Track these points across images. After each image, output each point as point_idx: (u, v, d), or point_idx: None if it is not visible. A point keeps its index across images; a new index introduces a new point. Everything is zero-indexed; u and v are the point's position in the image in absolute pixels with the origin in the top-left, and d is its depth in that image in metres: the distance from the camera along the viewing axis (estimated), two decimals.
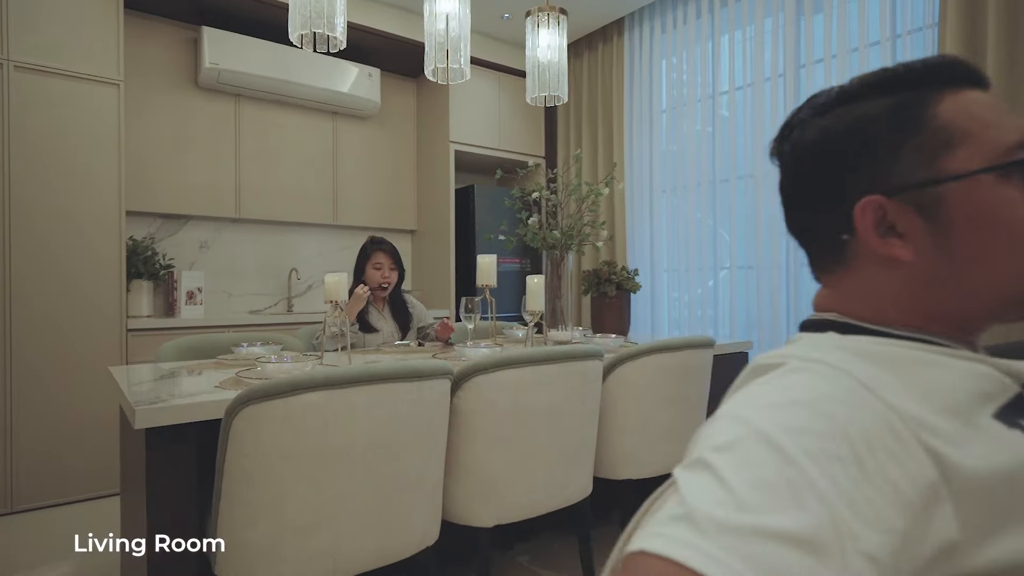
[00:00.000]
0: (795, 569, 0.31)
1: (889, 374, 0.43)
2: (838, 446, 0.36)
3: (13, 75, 2.45)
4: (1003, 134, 0.48)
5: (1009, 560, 0.37)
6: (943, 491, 0.37)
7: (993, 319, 0.50)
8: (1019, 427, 0.43)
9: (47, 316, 2.52)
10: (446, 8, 1.94)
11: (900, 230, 0.49)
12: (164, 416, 1.15)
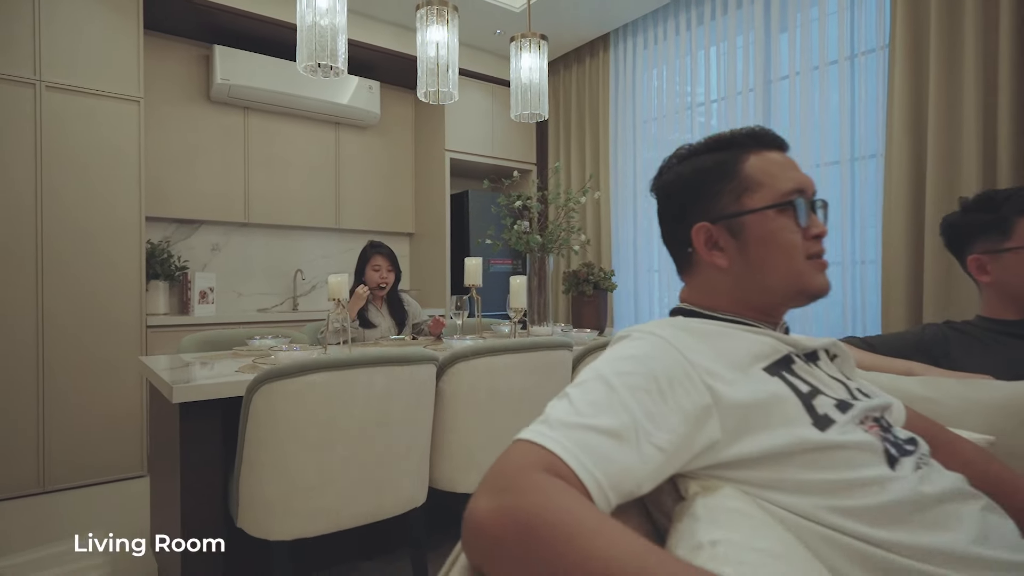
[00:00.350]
0: (603, 448, 0.54)
1: (697, 341, 0.66)
2: (647, 383, 0.59)
3: (45, 94, 2.69)
4: (783, 183, 0.71)
5: (746, 453, 0.60)
6: (713, 410, 0.60)
7: (783, 306, 0.74)
8: (778, 375, 0.66)
9: (75, 312, 2.76)
10: (436, 37, 2.17)
11: (721, 245, 0.73)
12: (197, 393, 1.38)
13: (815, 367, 0.72)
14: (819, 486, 0.59)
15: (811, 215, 0.72)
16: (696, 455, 0.59)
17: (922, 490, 0.59)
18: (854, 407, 0.65)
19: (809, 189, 0.72)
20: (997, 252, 1.22)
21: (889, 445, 0.64)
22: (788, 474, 0.59)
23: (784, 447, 0.59)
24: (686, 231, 0.75)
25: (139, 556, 2.07)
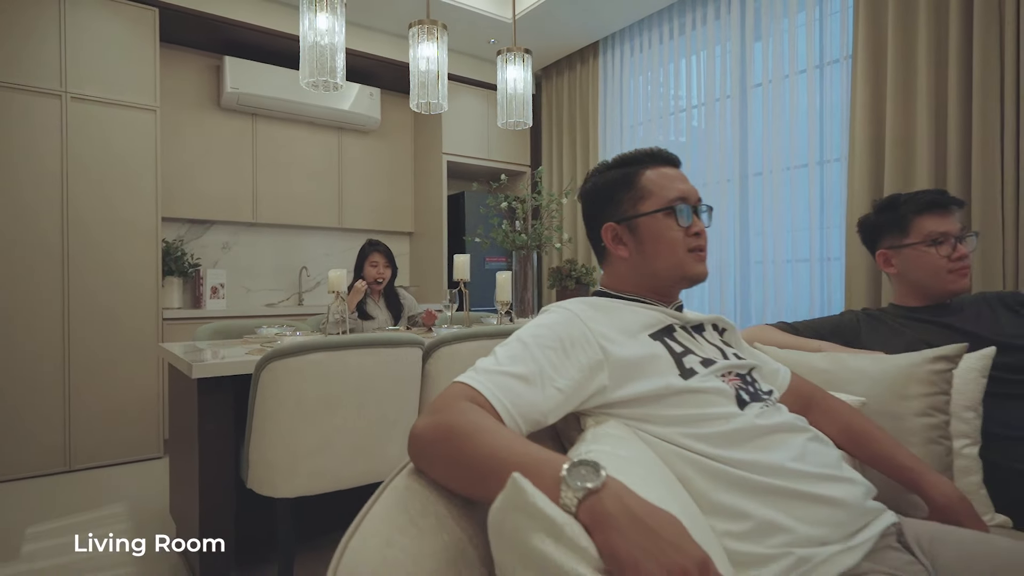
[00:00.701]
0: (515, 387, 0.74)
1: (600, 314, 0.86)
2: (554, 343, 0.80)
3: (70, 105, 2.92)
4: (670, 192, 0.91)
5: (627, 395, 0.80)
6: (604, 364, 0.80)
7: (672, 288, 0.94)
8: (660, 340, 0.86)
9: (97, 306, 2.99)
10: (427, 53, 2.38)
11: (623, 241, 0.93)
12: (212, 370, 1.60)
13: (697, 335, 0.92)
14: (680, 419, 0.79)
15: (694, 217, 0.92)
16: (589, 396, 0.80)
17: (757, 423, 0.80)
18: (716, 364, 0.86)
19: (692, 197, 0.93)
20: (899, 248, 1.42)
21: (743, 392, 0.84)
22: (658, 410, 0.80)
23: (655, 391, 0.80)
24: (598, 230, 0.96)
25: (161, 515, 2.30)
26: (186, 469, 1.85)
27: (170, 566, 1.92)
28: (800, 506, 0.74)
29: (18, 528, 2.25)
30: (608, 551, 0.51)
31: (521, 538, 0.52)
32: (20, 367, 2.80)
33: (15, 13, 2.80)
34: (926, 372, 1.13)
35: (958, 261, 1.35)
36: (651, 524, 0.52)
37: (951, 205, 1.39)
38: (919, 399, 1.13)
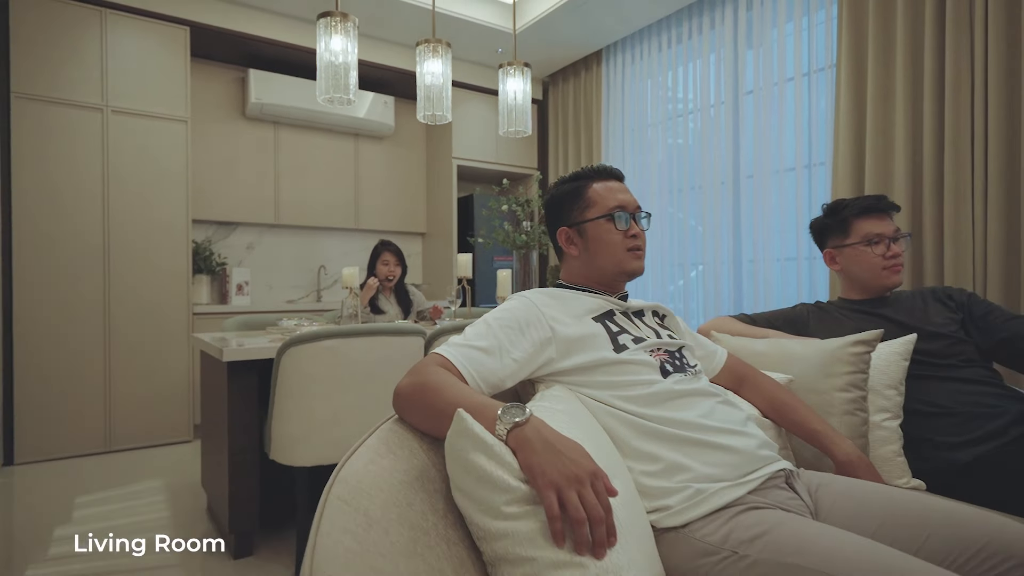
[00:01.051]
0: (477, 357, 0.94)
1: (553, 300, 1.06)
2: (512, 323, 1.00)
3: (111, 117, 3.20)
4: (610, 201, 1.11)
5: (570, 366, 1.00)
6: (552, 341, 1.00)
7: (615, 281, 1.13)
8: (600, 322, 1.05)
9: (134, 301, 3.26)
10: (432, 68, 2.59)
11: (574, 242, 1.13)
12: (241, 354, 1.83)
13: (636, 319, 1.12)
14: (611, 384, 0.99)
15: (632, 222, 1.11)
16: (540, 366, 1.00)
17: (674, 388, 0.99)
18: (647, 341, 1.05)
19: (630, 206, 1.12)
20: (841, 247, 1.59)
21: (667, 364, 1.04)
22: (594, 377, 1.00)
23: (592, 362, 1.00)
24: (555, 233, 1.16)
25: (193, 487, 2.55)
26: (216, 444, 2.09)
27: (204, 529, 2.16)
28: (701, 452, 0.93)
29: (69, 497, 2.52)
30: (525, 464, 0.71)
31: (464, 455, 0.73)
32: (66, 357, 3.09)
33: (61, 35, 3.08)
34: (847, 354, 1.31)
35: (891, 259, 1.52)
36: (558, 446, 0.72)
37: (887, 209, 1.56)
38: (840, 377, 1.31)
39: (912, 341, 1.39)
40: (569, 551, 0.68)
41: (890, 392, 1.36)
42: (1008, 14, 2.36)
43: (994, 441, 1.30)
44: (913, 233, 2.65)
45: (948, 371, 1.42)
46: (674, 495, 0.90)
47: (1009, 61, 2.36)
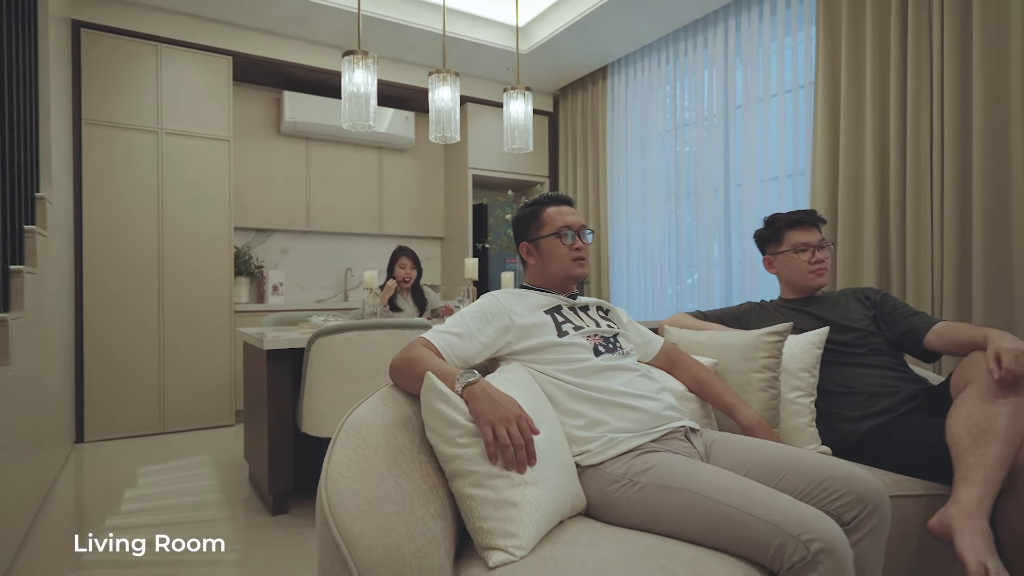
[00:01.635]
0: (452, 340, 1.28)
1: (515, 298, 1.40)
2: (480, 315, 1.34)
3: (164, 139, 3.64)
4: (559, 222, 1.43)
5: (524, 347, 1.33)
6: (511, 328, 1.33)
7: (564, 283, 1.46)
8: (549, 314, 1.38)
9: (184, 299, 3.70)
10: (443, 95, 2.94)
11: (532, 254, 1.46)
12: (278, 343, 2.21)
13: (581, 312, 1.43)
14: (554, 361, 1.31)
15: (576, 238, 1.43)
16: (501, 347, 1.33)
17: (601, 364, 1.31)
18: (585, 329, 1.37)
19: (575, 225, 1.44)
20: (776, 254, 1.88)
21: (600, 347, 1.35)
22: (542, 355, 1.32)
23: (540, 344, 1.32)
24: (518, 246, 1.49)
25: (236, 462, 2.95)
26: (257, 420, 2.47)
27: (244, 499, 2.54)
28: (617, 411, 1.25)
29: (133, 467, 2.94)
30: (472, 409, 1.04)
31: (431, 404, 1.06)
32: (127, 350, 3.53)
33: (122, 68, 3.53)
34: (763, 343, 1.61)
35: (816, 264, 1.81)
36: (496, 398, 1.05)
37: (814, 222, 1.84)
38: (757, 361, 1.60)
39: (825, 333, 1.67)
40: (499, 467, 1.01)
41: (804, 374, 1.64)
42: (962, 46, 2.60)
43: (886, 415, 1.57)
44: (879, 234, 2.89)
45: (858, 358, 1.70)
46: (594, 443, 1.22)
47: (962, 85, 2.59)
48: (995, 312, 2.48)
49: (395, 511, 0.90)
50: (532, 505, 1.02)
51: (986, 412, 1.31)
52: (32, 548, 2.03)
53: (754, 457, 1.23)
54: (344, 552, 0.82)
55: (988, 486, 1.23)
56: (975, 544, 1.14)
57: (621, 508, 1.15)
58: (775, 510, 0.98)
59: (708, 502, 1.04)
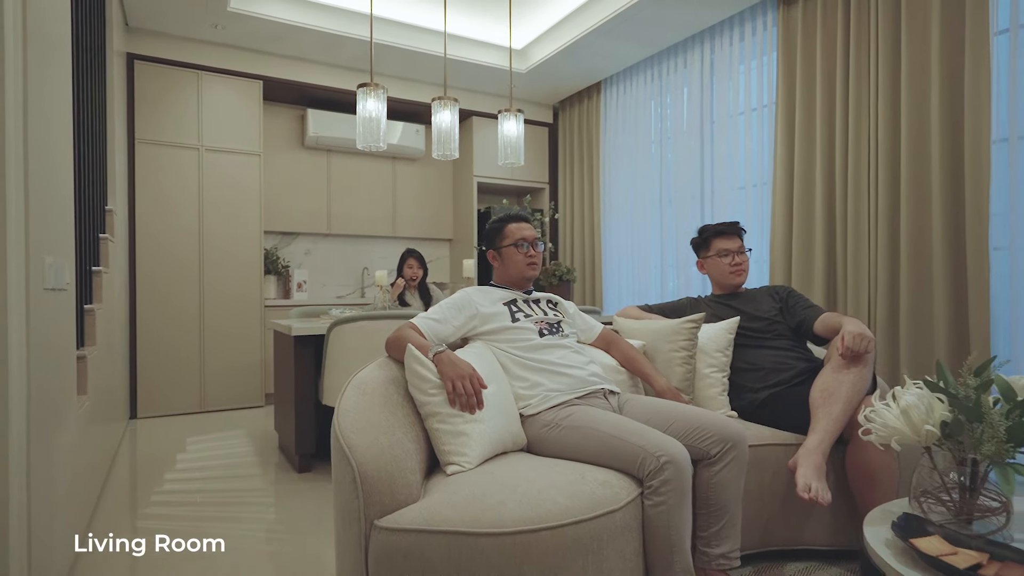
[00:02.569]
0: (432, 324, 1.74)
1: (481, 292, 1.85)
2: (453, 306, 1.79)
3: (204, 154, 4.16)
4: (517, 234, 1.88)
5: (486, 330, 1.78)
6: (476, 315, 1.79)
7: (521, 282, 1.90)
8: (507, 305, 1.83)
9: (221, 294, 4.22)
10: (444, 119, 3.40)
11: (496, 259, 1.91)
12: (304, 330, 2.69)
13: (533, 305, 1.87)
14: (508, 340, 1.75)
15: (530, 248, 1.87)
16: (469, 330, 1.77)
17: (542, 342, 1.74)
18: (533, 316, 1.81)
19: (530, 237, 1.87)
20: (705, 258, 2.29)
21: (544, 330, 1.79)
22: (499, 336, 1.76)
23: (498, 328, 1.76)
24: (487, 253, 1.93)
25: (267, 434, 3.45)
26: (286, 396, 2.96)
27: (275, 464, 3.03)
28: (552, 377, 1.68)
29: (182, 438, 3.46)
30: (439, 371, 1.49)
31: (411, 366, 1.51)
32: (172, 339, 4.06)
33: (167, 93, 4.06)
34: (682, 328, 2.03)
35: (735, 266, 2.22)
36: (455, 362, 1.50)
37: (736, 232, 2.25)
38: (676, 343, 2.03)
39: (736, 322, 2.09)
40: (456, 410, 1.47)
41: (717, 354, 2.06)
42: (892, 75, 2.97)
43: (781, 387, 1.98)
44: (827, 236, 3.27)
45: (764, 342, 2.10)
46: (533, 399, 1.66)
47: (892, 109, 2.97)
48: (918, 293, 2.85)
49: (382, 433, 1.35)
50: (479, 436, 1.47)
51: (834, 380, 1.72)
52: (108, 498, 2.54)
53: (653, 411, 1.66)
54: (348, 454, 1.28)
55: (827, 434, 1.65)
56: (807, 472, 1.56)
57: (549, 445, 1.59)
58: (643, 438, 1.41)
59: (603, 435, 1.48)
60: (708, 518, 1.54)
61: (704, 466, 1.55)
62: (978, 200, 2.63)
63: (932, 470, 1.19)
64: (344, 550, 1.30)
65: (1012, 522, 1.13)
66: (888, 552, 1.08)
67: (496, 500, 1.24)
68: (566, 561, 1.21)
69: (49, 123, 1.63)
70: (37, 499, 1.44)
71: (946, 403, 1.12)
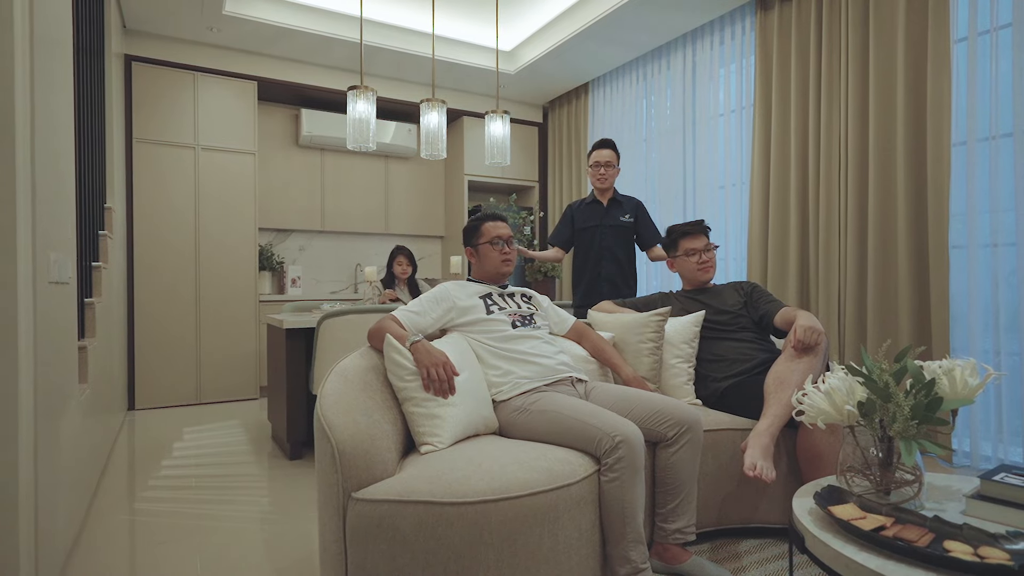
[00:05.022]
0: (412, 316, 1.86)
1: (458, 286, 1.97)
2: (432, 299, 1.91)
3: (200, 153, 4.27)
4: (493, 232, 2.00)
5: (462, 322, 1.90)
6: (453, 308, 1.91)
7: (497, 278, 2.02)
8: (482, 299, 1.95)
9: (216, 290, 4.33)
10: (432, 120, 3.51)
11: (474, 256, 2.03)
12: (297, 323, 2.81)
13: (508, 298, 1.99)
14: (483, 331, 1.87)
15: (505, 245, 1.98)
16: (447, 321, 1.89)
17: (515, 333, 1.87)
18: (507, 309, 1.93)
19: (505, 235, 1.99)
20: (674, 256, 2.42)
21: (517, 323, 1.91)
22: (474, 327, 1.88)
23: (474, 319, 1.88)
24: (465, 249, 2.05)
25: (261, 424, 3.56)
26: (278, 387, 3.08)
27: (268, 452, 3.15)
28: (522, 366, 1.81)
29: (179, 428, 3.58)
30: (415, 359, 1.61)
31: (389, 354, 1.64)
32: (169, 332, 4.18)
33: (164, 93, 4.16)
34: (650, 321, 2.15)
35: (702, 264, 2.34)
36: (430, 350, 1.62)
37: (702, 231, 2.37)
38: (644, 335, 2.15)
39: (701, 316, 2.22)
40: (431, 395, 1.59)
41: (683, 346, 2.19)
42: (861, 81, 3.09)
43: (742, 376, 2.11)
44: (800, 233, 3.40)
45: (728, 334, 2.23)
46: (504, 385, 1.79)
47: (861, 113, 3.10)
48: (884, 287, 2.98)
49: (360, 414, 1.48)
50: (452, 419, 1.59)
51: (786, 369, 1.85)
52: (108, 482, 2.66)
53: (616, 397, 1.79)
54: (328, 433, 1.40)
55: (776, 418, 1.77)
56: (754, 452, 1.69)
57: (519, 428, 1.71)
58: (600, 419, 1.54)
59: (566, 418, 1.60)
60: (665, 496, 1.67)
61: (662, 447, 1.68)
62: (939, 201, 2.76)
63: (855, 447, 1.31)
64: (325, 521, 1.42)
65: (923, 492, 1.25)
66: (809, 519, 1.21)
67: (462, 474, 1.37)
68: (524, 529, 1.34)
69: (54, 126, 1.74)
70: (43, 477, 1.56)
71: (864, 385, 1.25)
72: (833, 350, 3.19)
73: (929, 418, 1.17)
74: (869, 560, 1.02)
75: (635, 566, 1.48)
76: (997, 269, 2.64)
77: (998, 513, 1.17)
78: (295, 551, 1.94)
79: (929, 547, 1.01)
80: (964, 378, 1.28)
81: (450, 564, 1.29)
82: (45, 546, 1.57)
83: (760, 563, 1.77)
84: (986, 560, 0.95)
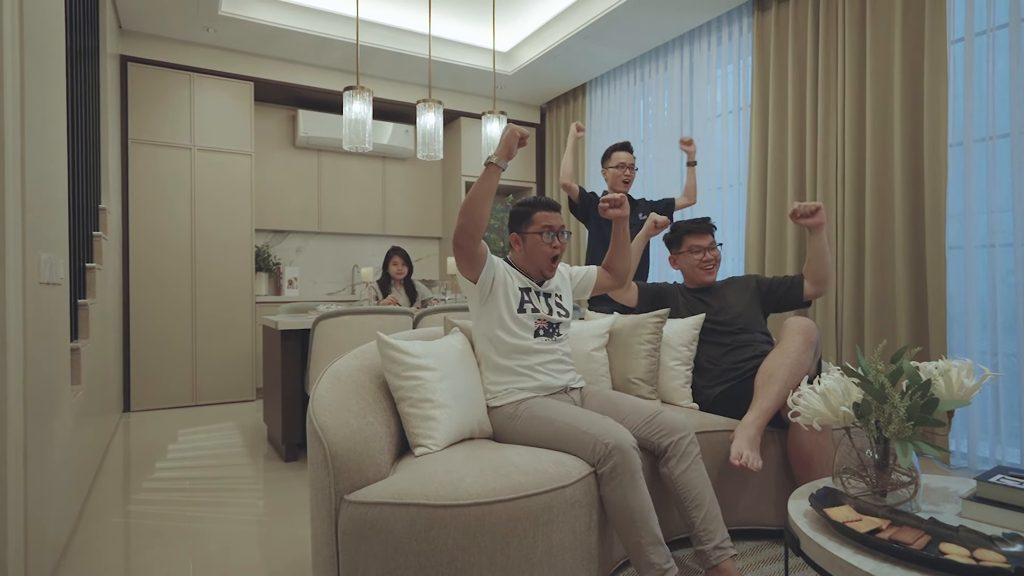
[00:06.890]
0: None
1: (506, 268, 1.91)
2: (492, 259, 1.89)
3: (196, 154, 4.25)
4: (544, 222, 1.93)
5: (494, 296, 1.89)
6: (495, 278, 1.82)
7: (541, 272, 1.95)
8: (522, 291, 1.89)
9: (212, 291, 4.32)
10: (429, 120, 3.50)
11: (519, 243, 1.97)
12: (292, 324, 2.79)
13: (543, 297, 1.94)
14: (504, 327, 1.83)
15: (555, 237, 1.93)
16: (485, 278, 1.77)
17: (532, 346, 1.81)
18: (538, 313, 1.87)
19: (556, 226, 1.92)
20: (677, 254, 2.40)
21: (541, 331, 1.87)
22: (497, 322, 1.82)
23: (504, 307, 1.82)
24: (509, 235, 2.01)
25: (257, 426, 3.55)
26: (274, 389, 3.07)
27: (263, 454, 3.14)
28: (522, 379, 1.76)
29: (174, 430, 3.57)
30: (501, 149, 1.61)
31: (385, 352, 1.62)
32: (165, 334, 4.16)
33: (161, 94, 4.15)
34: (648, 322, 2.14)
35: (704, 263, 2.32)
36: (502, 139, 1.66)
37: (707, 229, 2.36)
38: (642, 335, 2.14)
39: (701, 319, 2.20)
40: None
41: (682, 348, 2.18)
42: (858, 81, 3.09)
43: (733, 382, 2.09)
44: (797, 234, 3.39)
45: (727, 338, 2.20)
46: (499, 393, 1.77)
47: (858, 114, 3.09)
48: (882, 287, 2.97)
49: (353, 416, 1.46)
50: (446, 421, 1.58)
51: (775, 364, 1.85)
52: (102, 484, 2.65)
53: (610, 403, 1.78)
54: (320, 435, 1.39)
55: (763, 411, 1.77)
56: (740, 443, 1.68)
57: (511, 433, 1.70)
58: (592, 425, 1.53)
59: (558, 424, 1.59)
60: (690, 512, 1.59)
61: (662, 463, 1.65)
62: (936, 201, 2.76)
63: (852, 449, 1.31)
64: (317, 523, 1.41)
65: (919, 494, 1.24)
66: (804, 520, 1.20)
67: (456, 476, 1.36)
68: (518, 531, 1.32)
69: (45, 124, 1.73)
70: (33, 479, 1.55)
71: (859, 387, 1.24)
72: (830, 351, 3.19)
73: (925, 419, 1.16)
74: (864, 563, 1.01)
75: (660, 568, 1.43)
76: (994, 269, 2.64)
77: (995, 515, 1.16)
78: (289, 554, 1.93)
79: (925, 550, 1.00)
80: (960, 379, 1.27)
81: (443, 567, 1.28)
82: (35, 547, 1.56)
83: (756, 565, 1.75)
84: (982, 563, 0.94)
